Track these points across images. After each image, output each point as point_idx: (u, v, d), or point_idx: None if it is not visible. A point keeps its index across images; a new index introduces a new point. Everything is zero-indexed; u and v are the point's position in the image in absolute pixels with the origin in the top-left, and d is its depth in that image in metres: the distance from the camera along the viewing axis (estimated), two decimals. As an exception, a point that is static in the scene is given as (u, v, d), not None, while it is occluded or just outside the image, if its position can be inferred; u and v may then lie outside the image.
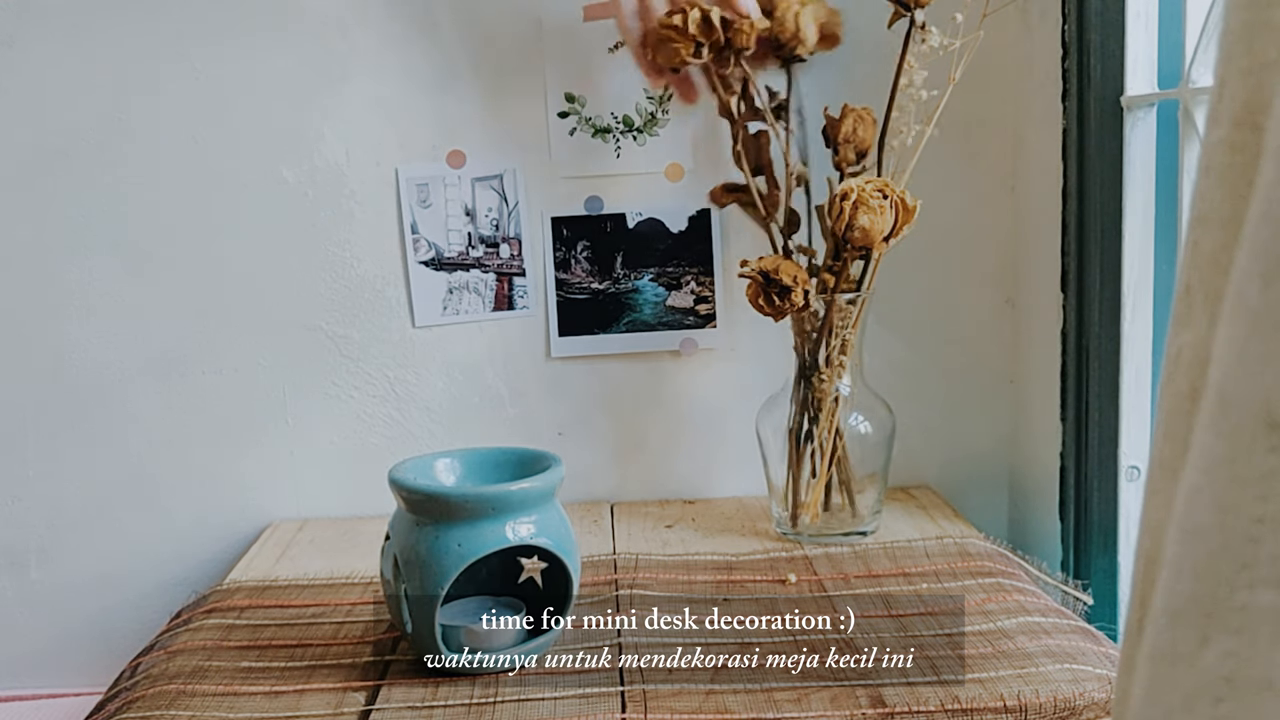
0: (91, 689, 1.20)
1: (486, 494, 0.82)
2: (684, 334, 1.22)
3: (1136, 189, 1.00)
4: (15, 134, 1.16)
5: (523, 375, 1.22)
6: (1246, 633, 0.39)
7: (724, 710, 0.77)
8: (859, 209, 0.98)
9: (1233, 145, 0.41)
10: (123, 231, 1.18)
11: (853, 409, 1.08)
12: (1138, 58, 0.99)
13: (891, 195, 0.99)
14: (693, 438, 1.24)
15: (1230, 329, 0.39)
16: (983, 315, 1.23)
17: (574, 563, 0.85)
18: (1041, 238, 1.14)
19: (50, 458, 1.20)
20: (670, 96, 1.18)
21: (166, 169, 1.17)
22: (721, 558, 1.05)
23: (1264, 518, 0.39)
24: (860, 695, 0.78)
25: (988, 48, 1.17)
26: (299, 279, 1.19)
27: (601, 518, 1.19)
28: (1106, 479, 1.04)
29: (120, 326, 1.19)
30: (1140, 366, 1.02)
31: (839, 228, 0.99)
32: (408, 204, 1.19)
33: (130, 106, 1.16)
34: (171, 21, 1.15)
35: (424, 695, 0.81)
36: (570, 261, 1.21)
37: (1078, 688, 0.78)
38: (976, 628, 0.88)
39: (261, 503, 1.23)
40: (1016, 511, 1.24)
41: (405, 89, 1.18)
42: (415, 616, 0.82)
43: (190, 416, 1.21)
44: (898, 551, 1.05)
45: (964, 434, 1.25)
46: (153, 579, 1.22)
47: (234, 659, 0.88)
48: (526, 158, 1.19)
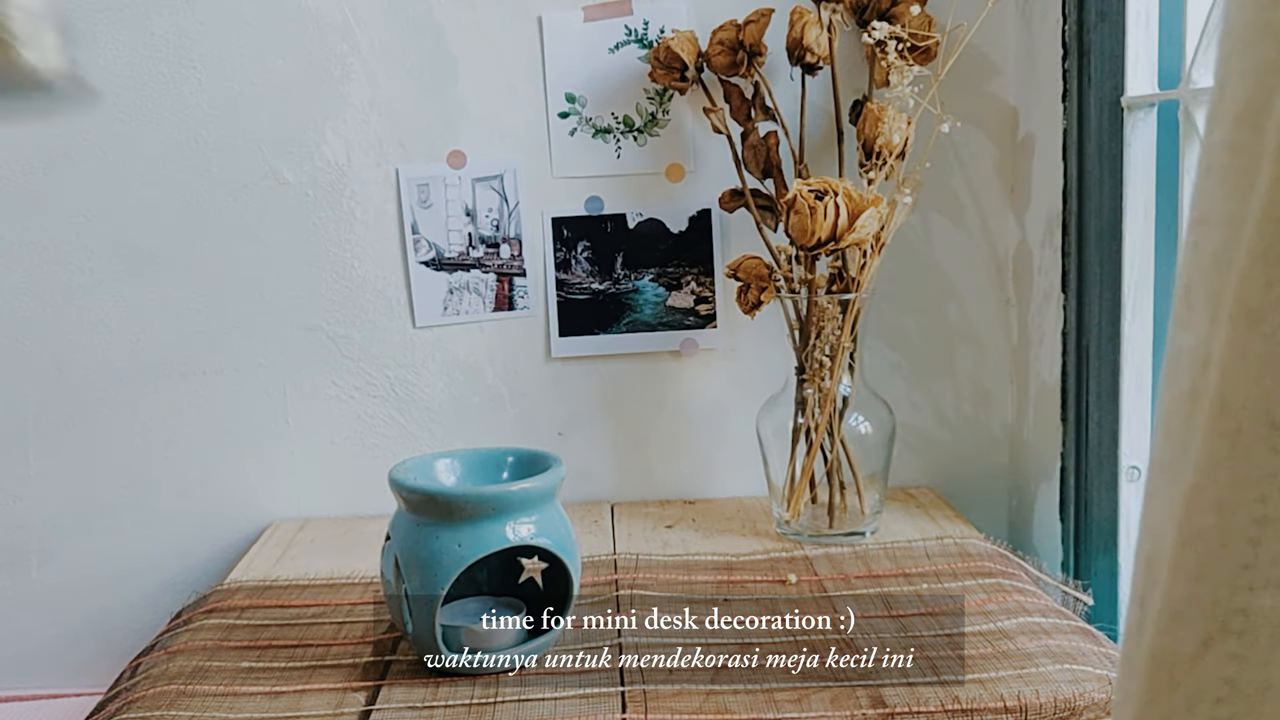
0: (92, 689, 1.20)
1: (487, 494, 0.82)
2: (684, 334, 1.22)
3: (1137, 189, 1.00)
4: (16, 134, 1.16)
5: (523, 375, 1.22)
6: (1247, 634, 0.39)
7: (724, 710, 0.77)
8: (791, 211, 0.99)
9: (1233, 146, 0.40)
10: (123, 231, 1.18)
11: (853, 409, 1.08)
12: (1138, 58, 0.99)
13: (830, 196, 0.98)
14: (693, 438, 1.24)
15: (1231, 330, 0.39)
16: (983, 315, 1.23)
17: (574, 563, 0.85)
18: (1042, 238, 1.14)
19: (50, 458, 1.20)
20: (671, 96, 1.18)
21: (166, 169, 1.17)
22: (722, 558, 1.05)
23: (1264, 519, 0.39)
24: (860, 695, 0.78)
25: (988, 48, 1.17)
26: (299, 279, 1.19)
27: (602, 518, 1.19)
28: (1107, 479, 1.04)
29: (120, 326, 1.19)
30: (1140, 367, 1.02)
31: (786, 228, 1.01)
32: (408, 204, 1.19)
33: (130, 106, 1.16)
34: (172, 21, 1.15)
35: (424, 695, 0.81)
36: (571, 262, 1.21)
37: (1078, 688, 0.78)
38: (977, 628, 0.88)
39: (262, 503, 1.22)
40: (1017, 512, 1.24)
41: (405, 89, 1.18)
42: (416, 616, 0.82)
43: (190, 416, 1.21)
44: (898, 552, 1.05)
45: (964, 434, 1.25)
46: (153, 579, 1.22)
47: (234, 659, 0.88)
48: (527, 158, 1.19)
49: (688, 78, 1.13)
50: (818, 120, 1.16)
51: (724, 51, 1.10)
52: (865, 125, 1.05)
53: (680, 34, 1.12)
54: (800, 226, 0.99)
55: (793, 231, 1.00)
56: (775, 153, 1.12)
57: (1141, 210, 1.01)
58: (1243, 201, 0.40)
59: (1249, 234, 0.39)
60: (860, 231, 0.99)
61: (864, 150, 1.05)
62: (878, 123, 1.04)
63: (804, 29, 1.08)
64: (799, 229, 0.99)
